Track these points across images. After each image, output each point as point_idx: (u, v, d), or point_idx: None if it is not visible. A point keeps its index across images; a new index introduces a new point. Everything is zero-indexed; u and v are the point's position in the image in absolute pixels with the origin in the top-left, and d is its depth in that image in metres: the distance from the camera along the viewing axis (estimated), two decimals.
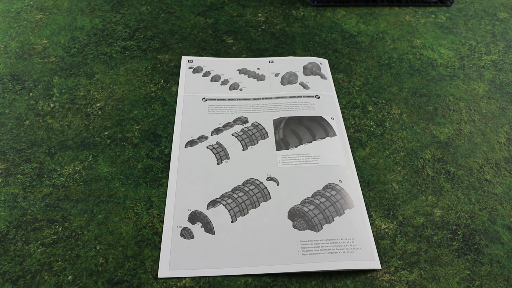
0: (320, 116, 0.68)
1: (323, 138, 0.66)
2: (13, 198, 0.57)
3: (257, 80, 0.75)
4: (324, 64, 0.78)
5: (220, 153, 0.63)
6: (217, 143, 0.65)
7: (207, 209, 0.57)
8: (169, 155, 0.63)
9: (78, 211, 0.56)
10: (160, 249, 0.53)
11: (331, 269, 0.52)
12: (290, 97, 0.72)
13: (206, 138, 0.65)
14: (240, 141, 0.65)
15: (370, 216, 0.58)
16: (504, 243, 0.56)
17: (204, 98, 0.71)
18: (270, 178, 0.60)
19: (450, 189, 0.61)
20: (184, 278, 0.51)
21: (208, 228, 0.55)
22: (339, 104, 0.72)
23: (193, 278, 0.51)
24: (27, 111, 0.68)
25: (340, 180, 0.60)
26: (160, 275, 0.51)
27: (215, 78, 0.75)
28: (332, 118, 0.68)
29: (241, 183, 0.60)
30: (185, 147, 0.64)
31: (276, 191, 0.59)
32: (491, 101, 0.74)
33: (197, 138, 0.65)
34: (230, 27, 0.85)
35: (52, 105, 0.69)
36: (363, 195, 0.60)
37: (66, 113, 0.68)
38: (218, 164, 0.62)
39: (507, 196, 0.61)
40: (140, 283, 0.50)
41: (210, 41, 0.82)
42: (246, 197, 0.58)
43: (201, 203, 0.58)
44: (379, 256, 0.54)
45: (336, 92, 0.74)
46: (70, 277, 0.50)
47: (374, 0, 0.94)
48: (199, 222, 0.56)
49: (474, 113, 0.72)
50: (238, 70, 0.76)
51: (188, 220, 0.56)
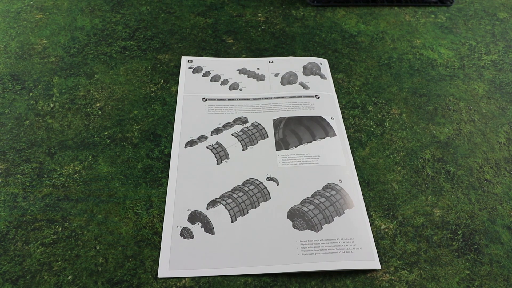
0: (320, 116, 0.68)
1: (323, 138, 0.66)
2: (13, 198, 0.57)
3: (257, 80, 0.75)
4: (324, 64, 0.78)
5: (220, 153, 0.63)
6: (217, 143, 0.65)
7: (207, 209, 0.57)
8: (169, 155, 0.63)
9: (78, 211, 0.57)
10: (160, 249, 0.53)
11: (331, 269, 0.52)
12: (290, 97, 0.72)
13: (206, 138, 0.65)
14: (240, 141, 0.65)
15: (370, 216, 0.58)
16: (503, 243, 0.56)
17: (204, 98, 0.71)
18: (270, 178, 0.60)
19: (450, 189, 0.61)
20: (184, 278, 0.51)
21: (208, 228, 0.55)
22: (339, 104, 0.72)
23: (193, 278, 0.51)
24: (27, 111, 0.68)
25: (340, 180, 0.60)
26: (160, 275, 0.51)
27: (215, 78, 0.75)
28: (332, 118, 0.68)
29: (241, 183, 0.60)
30: (185, 147, 0.64)
31: (276, 191, 0.59)
32: (491, 101, 0.74)
33: (197, 138, 0.65)
34: (230, 27, 0.85)
35: (52, 105, 0.69)
36: (363, 195, 0.60)
37: (66, 113, 0.68)
38: (218, 164, 0.62)
39: (507, 196, 0.61)
40: (140, 283, 0.50)
41: (210, 41, 0.82)
42: (246, 197, 0.58)
43: (201, 203, 0.58)
44: (379, 256, 0.54)
45: (336, 92, 0.74)
46: (70, 277, 0.50)
47: (374, 0, 0.94)
48: (199, 222, 0.56)
49: (474, 113, 0.72)
50: (238, 70, 0.76)
51: (188, 220, 0.56)
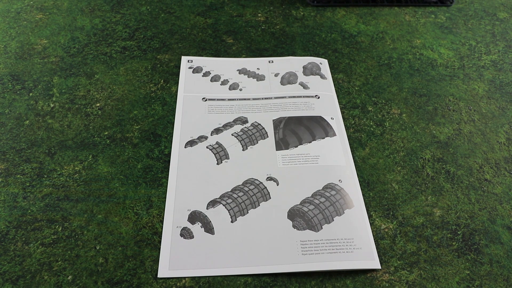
0: (320, 116, 0.68)
1: (323, 138, 0.66)
2: (13, 198, 0.57)
3: (257, 80, 0.75)
4: (324, 64, 0.78)
5: (220, 153, 0.63)
6: (217, 143, 0.65)
7: (207, 209, 0.57)
8: (169, 155, 0.63)
9: (78, 211, 0.57)
10: (160, 249, 0.53)
11: (331, 269, 0.52)
12: (290, 97, 0.72)
13: (206, 138, 0.65)
14: (240, 141, 0.65)
15: (369, 216, 0.58)
16: (503, 243, 0.56)
17: (204, 98, 0.71)
18: (270, 178, 0.60)
19: (450, 189, 0.61)
20: (184, 278, 0.51)
21: (208, 228, 0.55)
22: (339, 104, 0.72)
23: (192, 278, 0.51)
24: (27, 111, 0.68)
25: (340, 180, 0.60)
26: (159, 275, 0.51)
27: (215, 78, 0.75)
28: (332, 118, 0.68)
29: (241, 183, 0.60)
30: (185, 147, 0.64)
31: (276, 191, 0.59)
32: (491, 101, 0.74)
33: (197, 138, 0.65)
34: (230, 27, 0.85)
35: (52, 105, 0.69)
36: (363, 195, 0.60)
37: (66, 113, 0.68)
38: (218, 164, 0.62)
39: (507, 196, 0.61)
40: (140, 283, 0.50)
41: (210, 41, 0.82)
42: (246, 197, 0.58)
43: (201, 203, 0.58)
44: (379, 256, 0.54)
45: (336, 92, 0.74)
46: (70, 277, 0.50)
47: (374, 0, 0.94)
48: (199, 222, 0.56)
49: (474, 113, 0.72)
50: (238, 70, 0.76)
51: (188, 220, 0.56)
